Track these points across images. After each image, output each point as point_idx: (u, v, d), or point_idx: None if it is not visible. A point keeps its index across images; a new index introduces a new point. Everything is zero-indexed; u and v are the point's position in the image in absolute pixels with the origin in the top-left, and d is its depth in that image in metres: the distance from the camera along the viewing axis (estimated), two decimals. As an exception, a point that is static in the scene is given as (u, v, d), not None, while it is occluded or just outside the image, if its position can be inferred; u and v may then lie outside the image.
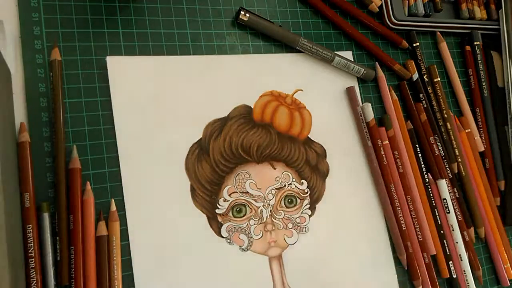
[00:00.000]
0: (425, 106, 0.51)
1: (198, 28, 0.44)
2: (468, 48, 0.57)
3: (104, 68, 0.39)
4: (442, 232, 0.48)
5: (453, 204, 0.50)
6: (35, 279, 0.32)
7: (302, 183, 0.45)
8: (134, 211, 0.38)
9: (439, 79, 0.53)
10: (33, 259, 0.32)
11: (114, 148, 0.38)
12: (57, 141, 0.36)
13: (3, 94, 0.32)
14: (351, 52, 0.50)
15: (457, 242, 0.49)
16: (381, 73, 0.51)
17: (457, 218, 0.50)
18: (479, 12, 0.57)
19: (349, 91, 0.48)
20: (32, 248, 0.32)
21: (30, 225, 0.33)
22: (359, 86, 0.50)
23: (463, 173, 0.52)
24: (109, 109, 0.39)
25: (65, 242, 0.34)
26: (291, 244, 0.43)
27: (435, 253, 0.47)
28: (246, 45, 0.45)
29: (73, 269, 0.34)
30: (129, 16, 0.41)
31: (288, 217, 0.43)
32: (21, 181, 0.33)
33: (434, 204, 0.49)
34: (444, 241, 0.48)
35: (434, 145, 0.50)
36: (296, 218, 0.43)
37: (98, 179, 0.37)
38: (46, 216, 0.34)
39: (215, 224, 0.40)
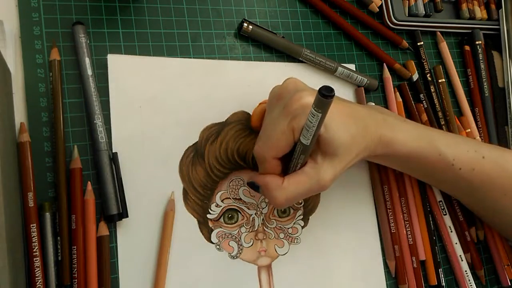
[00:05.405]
0: (426, 106, 0.51)
1: (198, 28, 0.44)
2: (467, 48, 0.57)
3: (104, 68, 0.39)
4: (434, 238, 0.48)
5: (454, 205, 0.50)
6: (40, 278, 0.32)
7: None
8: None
9: (444, 79, 0.53)
10: (38, 258, 0.32)
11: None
12: (57, 141, 0.36)
13: (3, 94, 0.32)
14: (354, 64, 0.50)
15: (456, 243, 0.49)
16: (387, 74, 0.51)
17: (458, 218, 0.50)
18: (480, 12, 0.57)
19: (358, 92, 0.49)
20: (37, 247, 0.33)
21: (34, 225, 0.33)
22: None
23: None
24: (108, 109, 0.38)
25: (66, 242, 0.34)
26: (281, 255, 0.42)
27: (424, 258, 0.47)
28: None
29: (74, 269, 0.34)
30: (129, 16, 0.41)
31: (280, 226, 0.43)
32: (23, 181, 0.33)
33: (429, 209, 0.49)
34: (436, 247, 0.48)
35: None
36: (289, 228, 0.43)
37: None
38: (48, 216, 0.34)
39: (206, 229, 0.40)
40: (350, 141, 0.36)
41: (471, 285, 0.48)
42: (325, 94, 0.29)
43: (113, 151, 0.38)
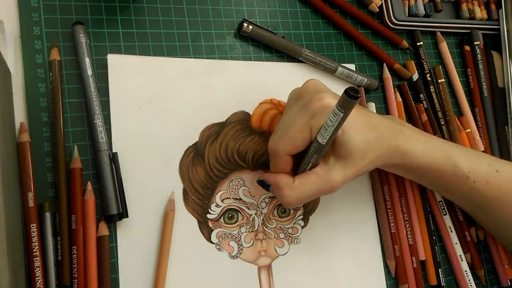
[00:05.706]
0: (426, 106, 0.51)
1: (198, 28, 0.44)
2: (467, 48, 0.57)
3: (104, 68, 0.39)
4: (434, 238, 0.48)
5: (454, 205, 0.50)
6: (40, 278, 0.32)
7: None
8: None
9: (443, 79, 0.53)
10: (38, 258, 0.32)
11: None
12: (57, 141, 0.36)
13: (3, 94, 0.32)
14: (354, 64, 0.50)
15: (456, 243, 0.49)
16: (387, 74, 0.51)
17: (458, 218, 0.50)
18: (480, 12, 0.57)
19: None
20: (37, 247, 0.33)
21: (34, 225, 0.33)
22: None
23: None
24: (108, 109, 0.38)
25: (66, 242, 0.34)
26: (281, 255, 0.42)
27: (424, 258, 0.47)
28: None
29: (74, 269, 0.34)
30: (129, 16, 0.41)
31: (280, 226, 0.43)
32: (23, 181, 0.33)
33: (429, 209, 0.49)
34: (436, 247, 0.48)
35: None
36: (289, 228, 0.43)
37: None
38: (48, 216, 0.34)
39: (206, 229, 0.40)
40: (365, 147, 0.36)
41: (471, 285, 0.48)
42: (351, 94, 0.29)
43: (113, 151, 0.38)
